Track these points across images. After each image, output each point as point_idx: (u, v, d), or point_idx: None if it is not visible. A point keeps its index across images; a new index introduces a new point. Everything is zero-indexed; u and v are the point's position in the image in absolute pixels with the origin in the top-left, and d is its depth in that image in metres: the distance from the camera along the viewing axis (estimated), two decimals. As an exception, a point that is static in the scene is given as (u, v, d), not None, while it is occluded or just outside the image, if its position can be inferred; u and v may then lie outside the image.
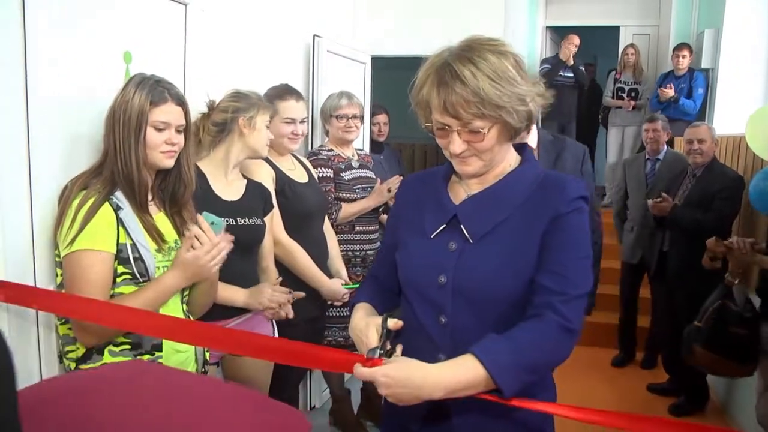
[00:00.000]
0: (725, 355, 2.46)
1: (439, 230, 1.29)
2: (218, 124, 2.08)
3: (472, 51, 1.19)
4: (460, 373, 1.14)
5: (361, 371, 1.19)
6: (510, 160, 1.31)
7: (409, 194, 1.43)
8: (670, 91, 5.18)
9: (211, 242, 1.63)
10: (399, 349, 1.26)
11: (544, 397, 1.26)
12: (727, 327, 2.46)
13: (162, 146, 1.60)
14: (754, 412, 2.60)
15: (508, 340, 1.15)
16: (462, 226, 1.26)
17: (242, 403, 0.94)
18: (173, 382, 0.96)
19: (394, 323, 1.26)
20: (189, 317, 1.74)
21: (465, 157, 1.24)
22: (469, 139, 1.21)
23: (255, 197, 2.17)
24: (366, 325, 1.28)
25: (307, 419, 1.05)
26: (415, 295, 1.31)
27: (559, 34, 7.10)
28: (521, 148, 1.34)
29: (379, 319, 1.27)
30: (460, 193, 1.33)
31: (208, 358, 1.79)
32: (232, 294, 2.02)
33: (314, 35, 3.35)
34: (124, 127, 1.56)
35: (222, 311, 2.00)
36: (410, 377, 1.14)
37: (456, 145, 1.21)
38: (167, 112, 1.60)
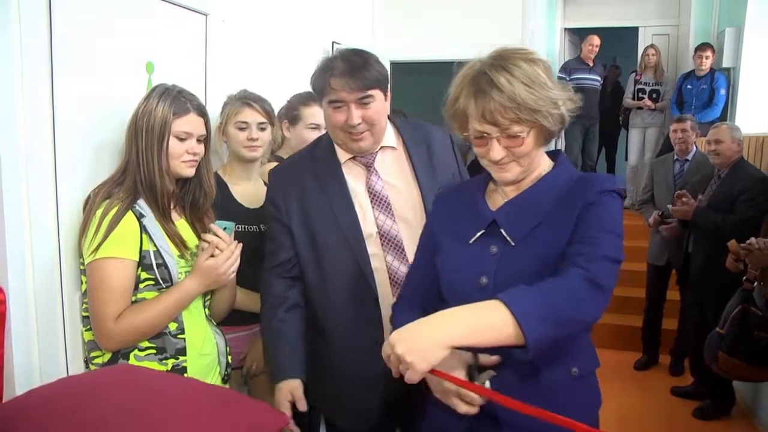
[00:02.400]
0: (751, 361, 2.42)
1: (477, 236, 1.32)
2: None
3: (504, 60, 1.23)
4: (481, 311, 1.13)
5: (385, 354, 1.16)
6: (543, 165, 1.35)
7: (444, 207, 1.45)
8: None
9: (230, 249, 1.66)
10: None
11: (589, 397, 1.31)
12: (751, 332, 2.42)
13: (184, 156, 1.64)
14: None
15: (533, 288, 1.14)
16: (502, 230, 1.29)
17: (220, 401, 0.93)
18: (151, 385, 0.96)
19: (488, 358, 1.23)
20: (211, 320, 1.78)
21: (504, 163, 1.27)
22: (508, 144, 1.24)
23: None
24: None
25: (285, 416, 1.03)
26: (455, 299, 1.30)
27: (577, 35, 7.06)
28: (554, 155, 1.37)
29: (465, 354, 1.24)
30: (497, 200, 1.36)
31: (230, 362, 1.82)
32: (251, 302, 2.00)
33: (333, 42, 3.40)
34: (147, 136, 1.59)
35: (242, 318, 2.02)
36: (421, 321, 1.13)
37: (496, 151, 1.24)
38: (189, 123, 1.64)
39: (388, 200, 1.70)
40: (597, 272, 1.15)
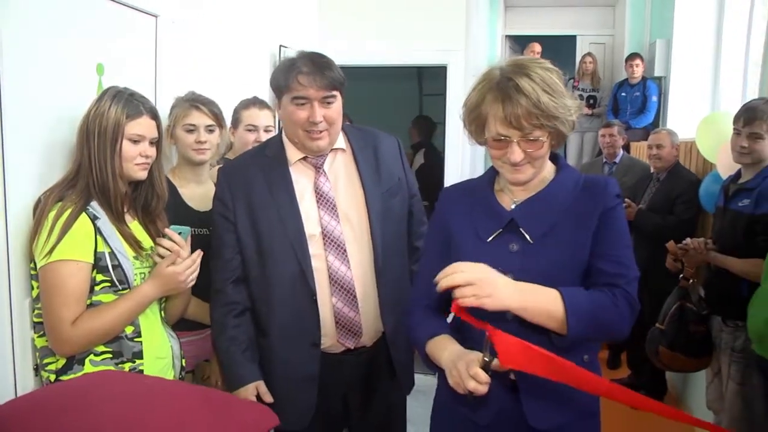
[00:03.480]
0: (689, 354, 2.57)
1: (495, 235, 1.38)
2: None
3: (524, 68, 1.30)
4: (544, 295, 1.25)
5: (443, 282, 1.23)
6: (548, 167, 1.42)
7: (454, 205, 1.49)
8: None
9: (191, 259, 1.66)
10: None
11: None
12: (688, 326, 2.57)
13: (137, 158, 1.63)
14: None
15: (589, 295, 1.29)
16: (521, 228, 1.36)
17: (209, 402, 0.94)
18: (139, 388, 0.96)
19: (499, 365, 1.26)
20: (165, 324, 1.77)
21: (521, 165, 1.33)
22: (527, 148, 1.31)
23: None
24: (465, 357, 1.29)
25: (274, 414, 1.06)
26: None
27: (518, 42, 7.27)
28: (554, 157, 1.45)
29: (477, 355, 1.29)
30: (505, 200, 1.43)
31: (184, 365, 1.82)
32: (203, 313, 1.97)
33: (280, 45, 3.40)
34: (99, 138, 1.58)
35: (186, 324, 2.01)
36: (502, 277, 1.23)
37: (516, 154, 1.31)
38: (142, 125, 1.63)
39: (334, 202, 1.74)
40: (634, 294, 1.32)
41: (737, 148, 2.40)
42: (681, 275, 2.69)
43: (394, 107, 6.60)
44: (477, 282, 1.21)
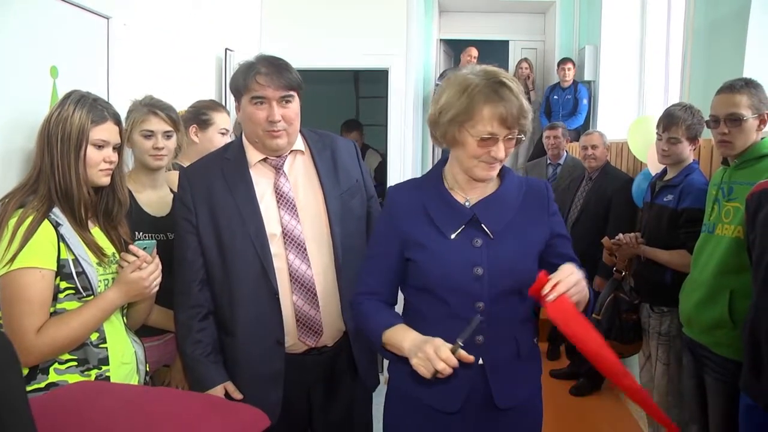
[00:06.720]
0: (623, 340, 2.75)
1: (459, 231, 1.46)
2: None
3: (501, 74, 1.40)
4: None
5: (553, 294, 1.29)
6: None
7: (406, 204, 1.54)
8: None
9: (155, 263, 1.66)
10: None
11: (540, 361, 1.62)
12: (621, 315, 2.75)
13: (101, 164, 1.62)
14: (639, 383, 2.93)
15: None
16: (483, 224, 1.45)
17: (212, 404, 0.98)
18: (130, 397, 0.98)
19: (466, 357, 1.32)
20: (128, 330, 1.75)
21: (497, 162, 1.43)
22: (506, 146, 1.41)
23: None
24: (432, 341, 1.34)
25: (266, 416, 1.09)
26: (448, 289, 1.45)
27: (451, 47, 7.44)
28: None
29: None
30: (459, 199, 1.51)
31: (148, 370, 1.81)
32: (165, 320, 1.97)
33: (226, 49, 3.39)
34: (62, 143, 1.55)
35: (146, 330, 1.98)
36: (568, 269, 1.33)
37: (501, 151, 1.40)
38: (106, 131, 1.61)
39: (294, 202, 1.78)
40: None
41: (659, 151, 2.63)
42: (615, 268, 2.86)
43: (331, 110, 6.62)
44: (577, 282, 1.32)
